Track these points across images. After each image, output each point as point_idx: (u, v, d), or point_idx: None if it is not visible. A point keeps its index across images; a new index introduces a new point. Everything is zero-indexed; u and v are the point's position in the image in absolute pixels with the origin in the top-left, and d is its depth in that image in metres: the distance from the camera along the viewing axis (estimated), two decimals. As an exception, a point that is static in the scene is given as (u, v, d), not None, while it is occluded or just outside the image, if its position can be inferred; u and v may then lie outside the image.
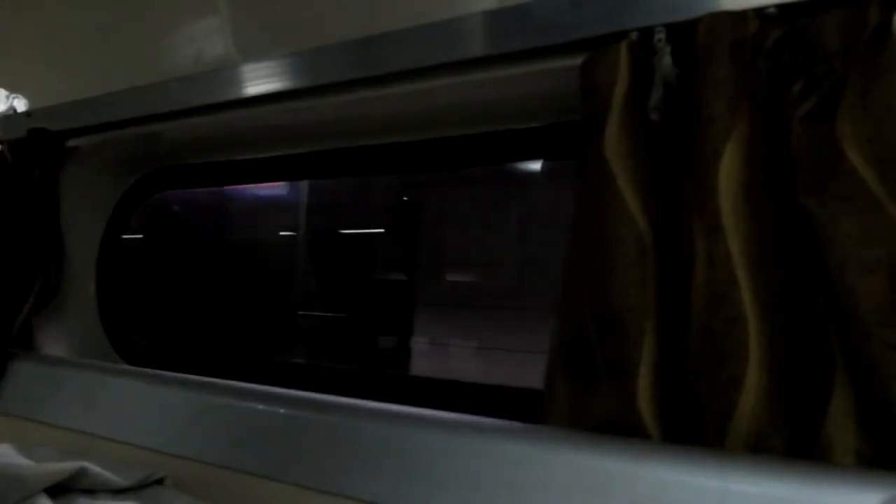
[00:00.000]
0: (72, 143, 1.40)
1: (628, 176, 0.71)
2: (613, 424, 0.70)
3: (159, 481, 0.93)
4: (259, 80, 1.07)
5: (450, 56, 0.88)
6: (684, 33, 0.70)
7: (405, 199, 5.19)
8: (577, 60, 0.77)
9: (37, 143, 1.36)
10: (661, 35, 0.71)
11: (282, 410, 0.94)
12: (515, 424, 0.78)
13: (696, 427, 0.66)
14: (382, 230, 5.29)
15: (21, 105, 1.44)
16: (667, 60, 0.70)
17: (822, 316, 0.63)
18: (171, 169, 1.52)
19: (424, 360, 4.74)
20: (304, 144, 1.28)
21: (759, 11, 0.66)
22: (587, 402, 0.74)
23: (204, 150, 1.41)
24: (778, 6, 0.66)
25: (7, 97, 1.44)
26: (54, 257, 1.39)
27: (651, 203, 0.71)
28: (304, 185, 4.93)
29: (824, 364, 0.63)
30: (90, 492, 0.88)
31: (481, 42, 0.86)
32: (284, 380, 1.19)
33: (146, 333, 1.72)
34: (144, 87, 1.21)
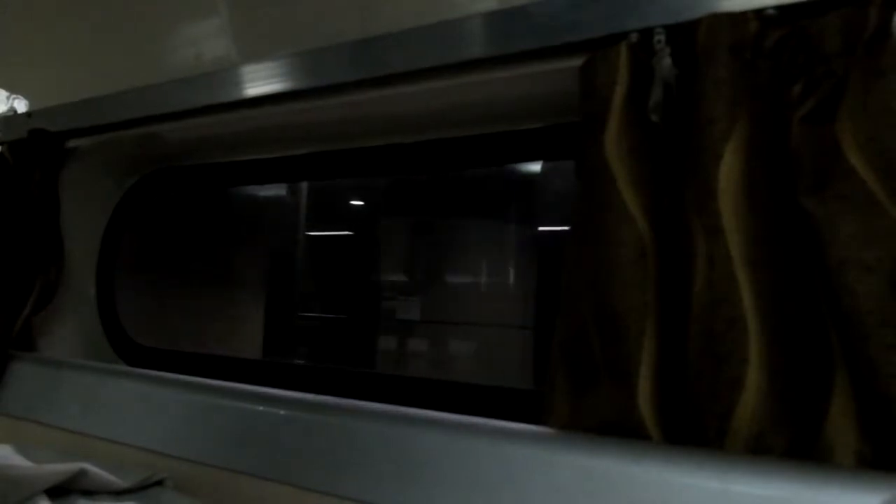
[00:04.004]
0: (72, 143, 1.40)
1: (628, 177, 0.71)
2: (614, 425, 0.70)
3: (159, 482, 0.93)
4: (259, 81, 1.07)
5: (450, 57, 0.88)
6: (684, 34, 0.70)
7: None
8: (577, 61, 0.77)
9: (37, 143, 1.36)
10: (660, 36, 0.71)
11: (282, 412, 0.93)
12: (516, 426, 0.78)
13: (696, 427, 0.66)
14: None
15: (21, 106, 1.44)
16: (666, 61, 0.70)
17: (823, 316, 0.63)
18: (172, 170, 1.52)
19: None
20: (305, 145, 1.29)
21: (759, 13, 0.66)
22: (588, 403, 0.74)
23: (204, 151, 1.41)
24: (777, 7, 0.66)
25: (7, 98, 1.44)
26: (54, 258, 1.39)
27: (651, 204, 0.71)
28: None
29: (824, 365, 0.63)
30: (90, 493, 0.88)
31: (481, 43, 0.86)
32: (284, 381, 1.19)
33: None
34: (145, 87, 1.21)
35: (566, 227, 0.78)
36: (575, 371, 0.75)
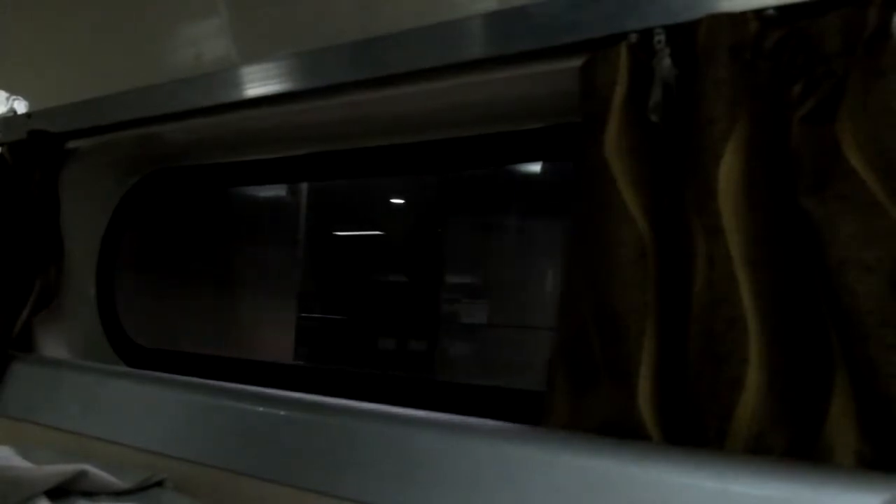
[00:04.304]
0: (72, 144, 1.40)
1: (628, 177, 0.71)
2: (614, 425, 0.70)
3: (159, 483, 0.93)
4: (260, 82, 1.07)
5: (450, 57, 0.88)
6: (684, 35, 0.70)
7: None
8: (577, 62, 0.77)
9: (37, 144, 1.36)
10: (660, 36, 0.71)
11: (282, 412, 0.94)
12: (516, 426, 0.78)
13: (696, 428, 0.66)
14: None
15: (21, 107, 1.44)
16: (666, 62, 0.70)
17: (823, 317, 0.63)
18: (172, 170, 1.52)
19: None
20: (305, 146, 1.29)
21: (759, 13, 0.66)
22: (588, 403, 0.74)
23: (205, 151, 1.41)
24: (777, 7, 0.66)
25: (7, 99, 1.44)
26: (54, 259, 1.39)
27: (651, 204, 0.71)
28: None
29: (824, 365, 0.63)
30: (90, 494, 0.88)
31: (481, 43, 0.86)
32: (283, 381, 1.18)
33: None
34: (145, 88, 1.21)
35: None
36: (575, 371, 0.75)
